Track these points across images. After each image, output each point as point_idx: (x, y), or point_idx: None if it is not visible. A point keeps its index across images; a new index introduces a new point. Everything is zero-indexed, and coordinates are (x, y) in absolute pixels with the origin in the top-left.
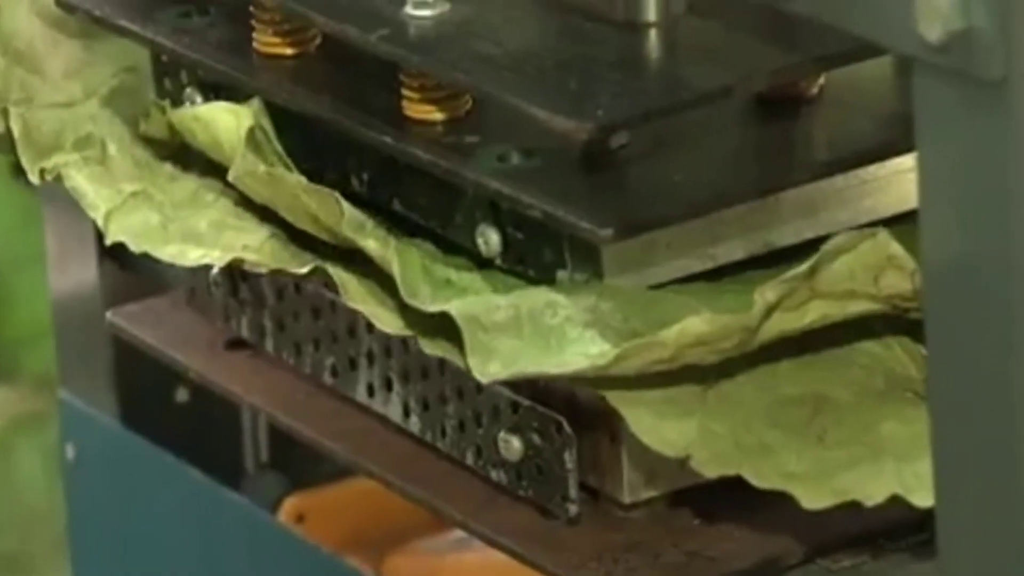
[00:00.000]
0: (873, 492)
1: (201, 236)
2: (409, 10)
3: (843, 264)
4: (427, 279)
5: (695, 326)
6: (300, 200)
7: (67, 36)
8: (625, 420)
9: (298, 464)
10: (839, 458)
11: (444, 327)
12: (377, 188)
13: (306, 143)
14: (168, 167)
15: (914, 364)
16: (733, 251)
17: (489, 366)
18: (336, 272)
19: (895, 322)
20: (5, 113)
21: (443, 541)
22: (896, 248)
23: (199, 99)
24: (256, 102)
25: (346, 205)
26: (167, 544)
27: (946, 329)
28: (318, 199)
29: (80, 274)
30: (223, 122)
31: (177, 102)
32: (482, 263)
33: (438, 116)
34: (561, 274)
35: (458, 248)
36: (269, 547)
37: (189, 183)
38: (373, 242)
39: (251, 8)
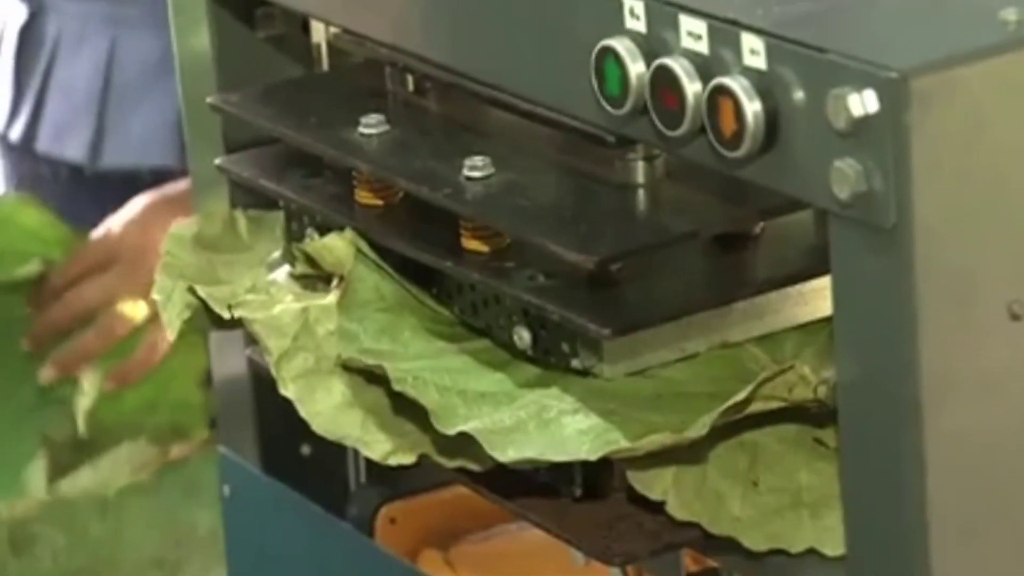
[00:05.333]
0: (795, 542)
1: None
2: (465, 173)
3: (768, 386)
4: (463, 399)
5: (660, 439)
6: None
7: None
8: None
9: (389, 481)
10: (769, 504)
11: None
12: (442, 299)
13: (393, 268)
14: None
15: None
16: (698, 345)
17: (507, 452)
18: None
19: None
20: (231, 308)
21: (488, 533)
22: (805, 371)
23: (316, 236)
24: (350, 231)
25: (389, 370)
26: (293, 554)
27: (854, 407)
28: (376, 369)
29: (235, 365)
30: (341, 245)
31: (300, 239)
32: (516, 355)
33: (485, 248)
34: (574, 361)
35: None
36: (364, 557)
37: (328, 295)
38: (412, 390)
39: (352, 172)
